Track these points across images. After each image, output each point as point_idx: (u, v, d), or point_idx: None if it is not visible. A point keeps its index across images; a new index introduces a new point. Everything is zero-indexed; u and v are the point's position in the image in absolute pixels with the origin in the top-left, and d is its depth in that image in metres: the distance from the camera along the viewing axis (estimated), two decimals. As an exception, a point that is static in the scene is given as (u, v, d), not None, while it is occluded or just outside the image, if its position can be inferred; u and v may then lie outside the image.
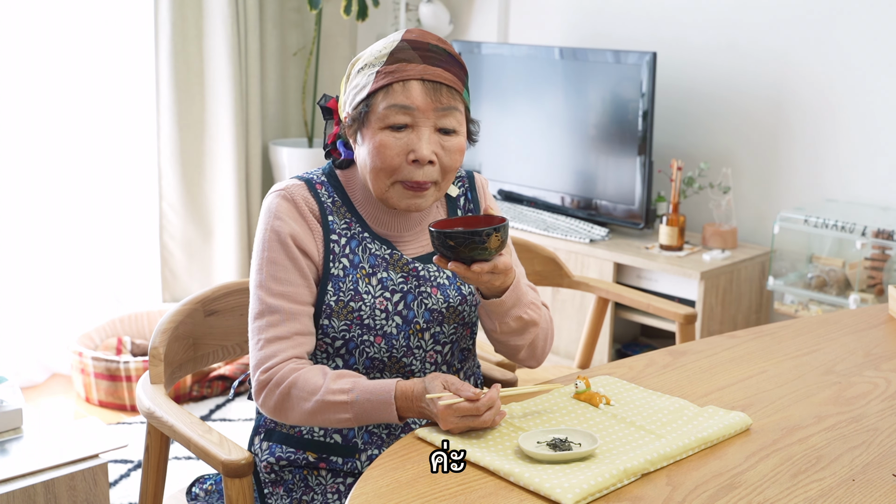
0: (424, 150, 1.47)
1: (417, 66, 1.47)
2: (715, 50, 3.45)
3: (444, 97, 1.48)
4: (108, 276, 3.73)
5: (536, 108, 3.65)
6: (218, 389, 3.34)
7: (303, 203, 1.54)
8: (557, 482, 1.23)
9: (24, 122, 3.41)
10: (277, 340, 1.50)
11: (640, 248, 3.34)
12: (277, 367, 1.48)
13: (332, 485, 1.56)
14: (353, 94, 1.52)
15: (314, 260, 1.54)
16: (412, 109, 1.46)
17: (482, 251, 1.40)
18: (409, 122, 1.47)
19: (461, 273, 1.43)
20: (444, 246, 1.41)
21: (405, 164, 1.48)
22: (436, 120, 1.48)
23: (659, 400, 1.53)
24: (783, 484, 1.29)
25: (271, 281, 1.51)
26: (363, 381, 1.45)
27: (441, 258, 1.44)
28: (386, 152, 1.47)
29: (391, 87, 1.47)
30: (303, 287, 1.52)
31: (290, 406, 1.48)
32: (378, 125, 1.48)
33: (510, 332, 1.56)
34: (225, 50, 3.76)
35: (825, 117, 3.23)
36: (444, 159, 1.50)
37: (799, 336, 1.91)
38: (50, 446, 1.93)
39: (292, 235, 1.52)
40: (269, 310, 1.51)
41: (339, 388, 1.44)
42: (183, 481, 2.60)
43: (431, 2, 3.97)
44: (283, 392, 1.47)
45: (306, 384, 1.46)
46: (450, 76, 1.49)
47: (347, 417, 1.44)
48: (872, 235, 2.92)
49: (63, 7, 3.44)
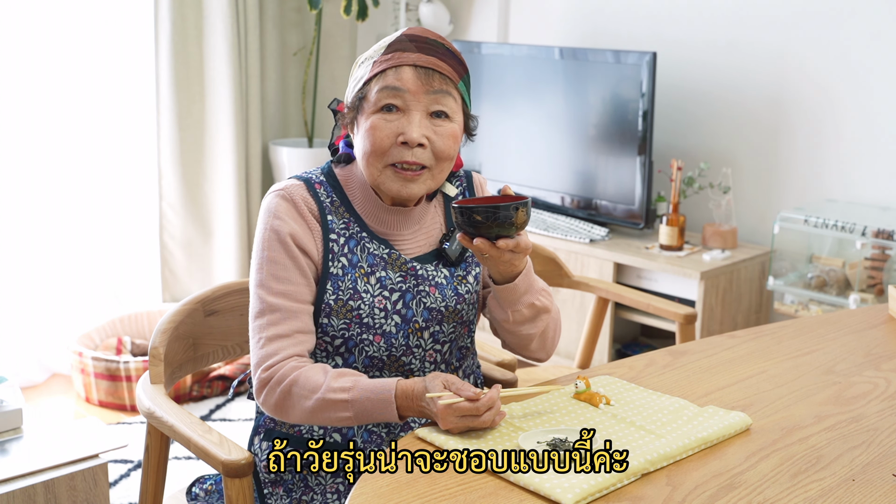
0: (414, 132, 1.47)
1: (412, 55, 1.49)
2: (715, 50, 3.45)
3: (436, 81, 1.49)
4: (108, 276, 3.73)
5: (536, 108, 3.65)
6: (218, 389, 3.34)
7: (302, 203, 1.55)
8: (557, 482, 1.23)
9: (24, 123, 3.41)
10: (278, 339, 1.50)
11: (640, 248, 3.34)
12: (279, 366, 1.49)
13: (332, 485, 1.56)
14: (352, 87, 1.56)
15: (313, 259, 1.54)
16: (403, 91, 1.48)
17: (509, 227, 1.40)
18: (401, 104, 1.48)
19: (486, 249, 1.43)
20: (470, 222, 1.41)
21: (395, 146, 1.49)
22: (427, 104, 1.49)
23: (659, 400, 1.53)
24: (783, 484, 1.29)
25: (271, 280, 1.51)
26: (364, 380, 1.45)
27: (465, 236, 1.44)
28: (376, 134, 1.48)
29: (385, 73, 1.49)
30: (303, 286, 1.52)
31: (291, 404, 1.48)
32: (371, 109, 1.50)
33: (523, 320, 1.57)
34: (225, 50, 3.76)
35: (825, 117, 3.23)
36: (437, 143, 1.50)
37: (799, 336, 1.91)
38: (50, 446, 1.93)
39: (291, 234, 1.53)
40: (270, 308, 1.51)
41: (340, 387, 1.44)
42: (183, 481, 2.60)
43: (431, 2, 3.97)
44: (284, 390, 1.47)
45: (307, 382, 1.46)
46: (444, 65, 1.50)
47: (348, 416, 1.45)
48: (872, 235, 2.92)
49: (63, 7, 3.44)
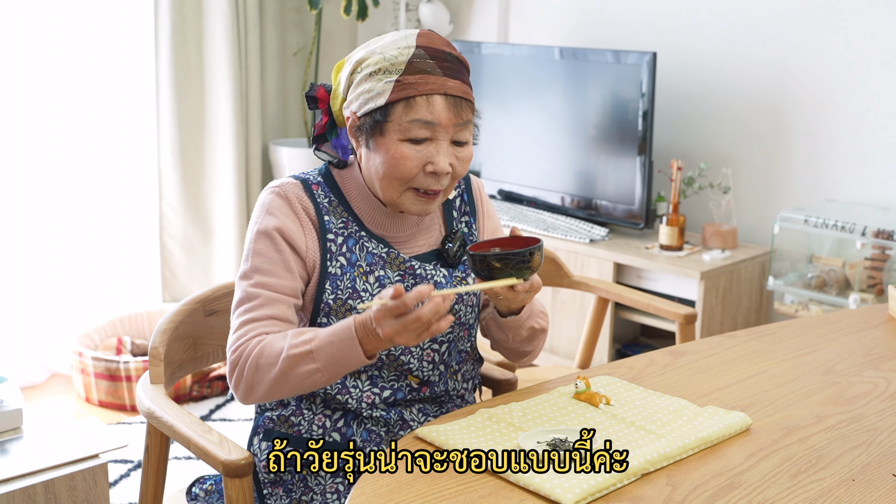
0: (443, 163, 1.49)
1: (438, 79, 1.48)
2: (715, 50, 3.45)
3: (465, 112, 1.50)
4: (108, 276, 3.73)
5: (536, 108, 3.65)
6: (218, 389, 3.34)
7: (296, 201, 1.56)
8: (557, 482, 1.23)
9: (24, 123, 3.41)
10: (250, 322, 1.50)
11: (640, 248, 3.34)
12: (245, 344, 1.48)
13: (332, 485, 1.56)
14: (364, 99, 1.50)
15: (302, 255, 1.54)
16: (435, 125, 1.48)
17: (525, 271, 1.44)
18: (430, 135, 1.49)
19: (503, 294, 1.46)
20: (487, 268, 1.44)
21: (422, 174, 1.50)
22: (454, 134, 1.51)
23: (659, 400, 1.53)
24: (783, 484, 1.29)
25: (253, 271, 1.52)
26: (323, 330, 1.45)
27: (481, 280, 1.46)
28: (406, 164, 1.48)
29: (414, 101, 1.47)
30: (286, 279, 1.52)
31: (261, 378, 1.46)
32: (398, 136, 1.48)
33: (521, 340, 1.63)
34: (225, 50, 3.76)
35: (825, 117, 3.23)
36: (458, 168, 1.53)
37: (799, 336, 1.91)
38: (50, 446, 1.93)
39: (279, 228, 1.53)
40: (248, 297, 1.51)
41: (302, 341, 1.44)
42: (183, 481, 2.60)
43: (431, 2, 3.97)
44: (252, 365, 1.46)
45: (272, 350, 1.45)
46: (468, 88, 1.52)
47: (315, 367, 1.42)
48: (872, 235, 2.92)
49: (63, 7, 3.44)
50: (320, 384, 1.46)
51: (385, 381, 1.58)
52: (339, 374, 1.44)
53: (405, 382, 1.59)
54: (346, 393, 1.57)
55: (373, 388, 1.58)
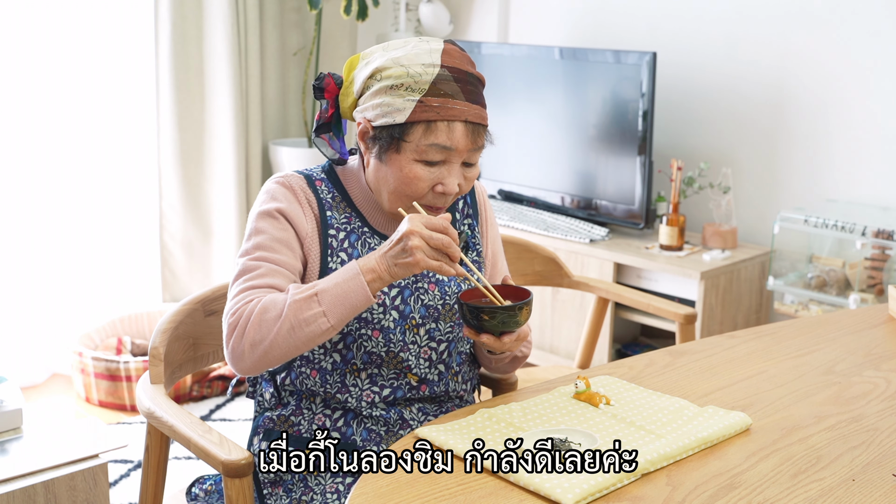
0: (453, 185, 1.51)
1: (461, 105, 1.48)
2: (715, 50, 3.45)
3: (480, 138, 1.52)
4: (108, 276, 3.73)
5: (536, 108, 3.65)
6: (218, 389, 3.34)
7: (300, 191, 1.57)
8: (557, 482, 1.23)
9: (24, 123, 3.41)
10: (251, 289, 1.48)
11: (640, 248, 3.34)
12: (244, 305, 1.46)
13: (332, 485, 1.56)
14: (382, 111, 1.49)
15: (302, 237, 1.54)
16: (451, 150, 1.49)
17: (514, 324, 1.45)
18: (444, 158, 1.50)
19: (491, 344, 1.46)
20: (477, 318, 1.45)
21: (431, 193, 1.52)
22: (467, 157, 1.52)
23: (659, 400, 1.53)
24: (783, 484, 1.29)
25: (255, 248, 1.52)
26: (325, 278, 1.47)
27: (469, 329, 1.47)
28: (418, 184, 1.50)
29: (435, 125, 1.47)
30: (288, 257, 1.52)
31: (265, 334, 1.42)
32: (413, 156, 1.49)
33: (503, 365, 1.69)
34: (225, 50, 3.76)
35: (825, 117, 3.23)
36: (464, 187, 1.55)
37: (799, 336, 1.91)
38: (50, 446, 1.93)
39: (280, 210, 1.54)
40: (249, 269, 1.50)
41: (305, 287, 1.44)
42: (183, 481, 2.60)
43: (431, 2, 3.97)
44: (255, 322, 1.43)
45: (274, 304, 1.43)
46: (485, 114, 1.53)
47: (320, 311, 1.41)
48: (872, 235, 2.92)
49: (63, 7, 3.44)
50: (326, 332, 1.42)
51: (384, 379, 1.59)
52: (343, 317, 1.42)
53: (404, 381, 1.59)
54: (346, 392, 1.58)
55: (372, 386, 1.58)
